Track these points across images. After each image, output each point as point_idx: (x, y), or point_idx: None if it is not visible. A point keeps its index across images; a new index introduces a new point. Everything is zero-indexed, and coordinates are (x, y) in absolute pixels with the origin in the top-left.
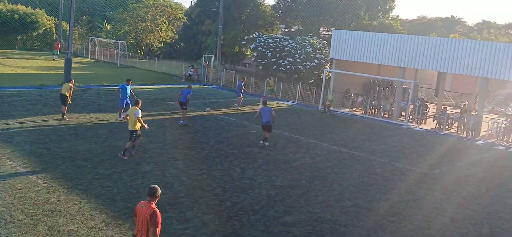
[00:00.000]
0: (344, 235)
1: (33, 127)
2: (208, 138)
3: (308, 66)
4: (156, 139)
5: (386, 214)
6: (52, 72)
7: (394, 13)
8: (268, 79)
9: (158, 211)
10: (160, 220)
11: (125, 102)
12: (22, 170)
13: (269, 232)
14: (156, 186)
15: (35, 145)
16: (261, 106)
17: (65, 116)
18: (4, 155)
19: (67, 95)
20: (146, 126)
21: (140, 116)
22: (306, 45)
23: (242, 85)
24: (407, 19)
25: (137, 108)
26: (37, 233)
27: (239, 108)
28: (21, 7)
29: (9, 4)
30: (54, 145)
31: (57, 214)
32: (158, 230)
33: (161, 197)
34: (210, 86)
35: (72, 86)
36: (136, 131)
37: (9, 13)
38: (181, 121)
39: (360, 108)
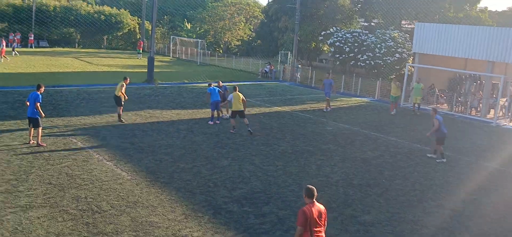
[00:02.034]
0: None
1: (118, 123)
2: (283, 135)
3: (389, 61)
4: (233, 135)
5: (472, 216)
6: (136, 70)
7: (482, 4)
8: (393, 82)
9: (303, 209)
10: (298, 219)
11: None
12: (108, 163)
13: (346, 231)
14: (312, 187)
15: (120, 139)
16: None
17: (122, 119)
18: (91, 149)
19: (119, 95)
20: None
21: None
22: (387, 39)
23: (333, 83)
24: (496, 11)
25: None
26: (121, 223)
27: (326, 110)
28: (107, 8)
29: (96, 5)
30: (137, 140)
31: (139, 206)
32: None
33: (238, 192)
34: (286, 83)
35: (124, 85)
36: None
37: (96, 14)
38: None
39: (445, 104)
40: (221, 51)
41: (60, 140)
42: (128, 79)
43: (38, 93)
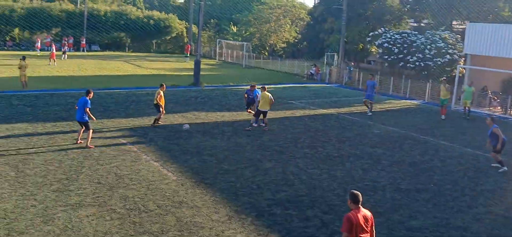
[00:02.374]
0: None
1: (165, 124)
2: (329, 137)
3: (439, 63)
4: (277, 137)
5: None
6: (183, 73)
7: None
8: (442, 84)
9: (348, 215)
10: (344, 225)
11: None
12: (155, 163)
13: None
14: (357, 192)
15: (167, 140)
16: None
17: (158, 122)
18: (139, 150)
19: (158, 103)
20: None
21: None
22: (437, 39)
23: (376, 84)
24: None
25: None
26: (166, 223)
27: (369, 113)
28: (156, 13)
29: (145, 10)
30: (183, 141)
31: (184, 206)
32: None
33: (281, 194)
34: (333, 85)
35: (161, 92)
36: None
37: (145, 19)
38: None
39: (498, 107)
40: (266, 53)
41: (109, 141)
42: (164, 85)
43: (87, 98)
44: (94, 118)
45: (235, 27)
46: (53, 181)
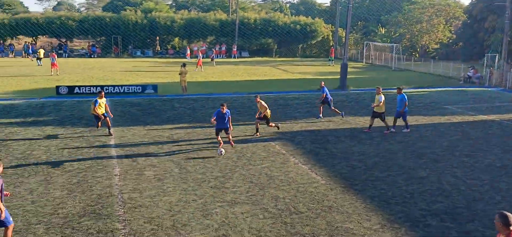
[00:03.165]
0: None
1: (312, 128)
2: (490, 146)
3: None
4: (432, 144)
5: None
6: (329, 77)
7: None
8: None
9: None
10: None
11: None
12: (303, 166)
13: None
14: (507, 213)
15: (314, 144)
16: None
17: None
18: (287, 152)
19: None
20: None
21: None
22: None
23: None
24: None
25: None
26: (317, 226)
27: None
28: (302, 18)
29: (292, 16)
30: (331, 145)
31: (334, 211)
32: None
33: (437, 205)
34: (494, 89)
35: (262, 102)
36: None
37: (292, 24)
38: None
39: None
40: (417, 55)
41: (260, 143)
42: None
43: (225, 110)
44: (231, 128)
45: (383, 28)
46: (211, 178)
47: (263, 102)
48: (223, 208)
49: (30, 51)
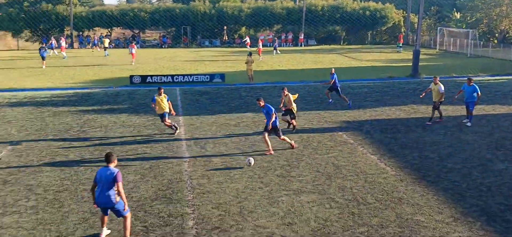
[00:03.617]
0: None
1: (381, 117)
2: None
3: None
4: (511, 135)
5: None
6: (400, 64)
7: None
8: None
9: None
10: None
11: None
12: (372, 156)
13: None
14: None
15: (384, 134)
16: None
17: (293, 126)
18: (355, 142)
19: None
20: None
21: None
22: None
23: None
24: None
25: None
26: (385, 218)
27: None
28: (371, 4)
29: (361, 2)
30: (401, 135)
31: (404, 203)
32: None
33: None
34: None
35: (289, 95)
36: None
37: (361, 11)
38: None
39: None
40: (495, 41)
41: (326, 132)
42: (286, 88)
43: (264, 104)
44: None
45: (458, 13)
46: (277, 167)
47: (290, 95)
48: (289, 196)
49: (95, 42)
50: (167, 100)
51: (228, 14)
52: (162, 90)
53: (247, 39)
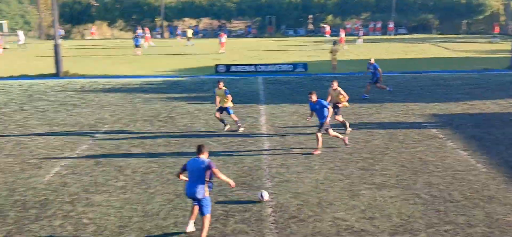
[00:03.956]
0: None
1: (475, 111)
2: None
3: None
4: None
5: None
6: (497, 55)
7: None
8: None
9: None
10: None
11: None
12: (462, 152)
13: None
14: None
15: (476, 128)
16: None
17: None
18: (445, 136)
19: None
20: None
21: None
22: None
23: None
24: None
25: None
26: (474, 216)
27: None
28: None
29: None
30: (496, 130)
31: (495, 202)
32: None
33: None
34: None
35: (335, 89)
36: None
37: None
38: None
39: None
40: None
41: (414, 125)
42: (336, 82)
43: (315, 99)
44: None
45: None
46: (359, 159)
47: (341, 90)
48: (371, 190)
49: (179, 32)
50: (227, 94)
51: (313, 2)
52: (221, 83)
53: (327, 28)
